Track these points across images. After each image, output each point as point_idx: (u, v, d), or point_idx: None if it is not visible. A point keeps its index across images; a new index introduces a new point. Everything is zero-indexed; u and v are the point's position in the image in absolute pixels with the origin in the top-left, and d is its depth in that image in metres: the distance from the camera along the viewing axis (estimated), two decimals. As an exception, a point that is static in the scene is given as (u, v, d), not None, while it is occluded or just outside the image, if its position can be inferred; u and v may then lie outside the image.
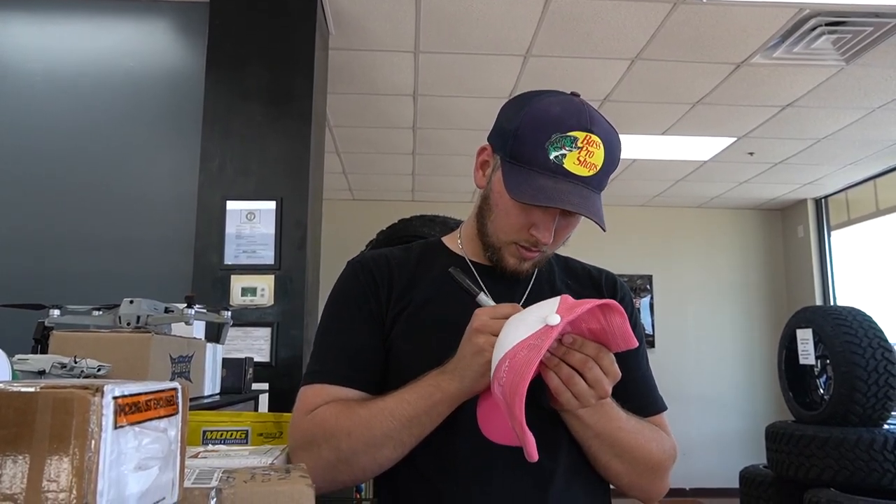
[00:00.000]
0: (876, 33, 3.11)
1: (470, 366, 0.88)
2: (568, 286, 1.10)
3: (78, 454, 0.44)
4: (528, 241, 0.99)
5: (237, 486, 0.66)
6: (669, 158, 5.07)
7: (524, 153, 0.95)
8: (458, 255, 1.10)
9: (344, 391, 0.98)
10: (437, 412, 0.91)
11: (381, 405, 0.92)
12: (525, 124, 0.95)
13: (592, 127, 0.94)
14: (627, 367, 1.11)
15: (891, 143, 4.72)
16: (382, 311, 1.03)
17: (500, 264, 1.04)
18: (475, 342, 0.87)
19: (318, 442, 0.93)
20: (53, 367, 0.90)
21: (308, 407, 0.98)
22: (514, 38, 3.23)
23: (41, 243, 2.69)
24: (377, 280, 1.05)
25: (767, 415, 6.06)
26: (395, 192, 6.09)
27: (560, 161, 0.92)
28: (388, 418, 0.91)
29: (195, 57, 2.81)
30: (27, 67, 2.82)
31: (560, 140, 0.92)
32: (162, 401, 0.53)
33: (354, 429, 0.92)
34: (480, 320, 0.88)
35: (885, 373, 4.38)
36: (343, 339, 1.03)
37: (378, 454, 0.93)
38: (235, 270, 2.60)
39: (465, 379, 0.89)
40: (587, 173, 0.93)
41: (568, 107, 0.95)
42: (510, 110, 1.00)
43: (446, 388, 0.90)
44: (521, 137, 0.95)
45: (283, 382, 2.49)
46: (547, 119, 0.94)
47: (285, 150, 2.68)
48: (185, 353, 1.42)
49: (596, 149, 0.93)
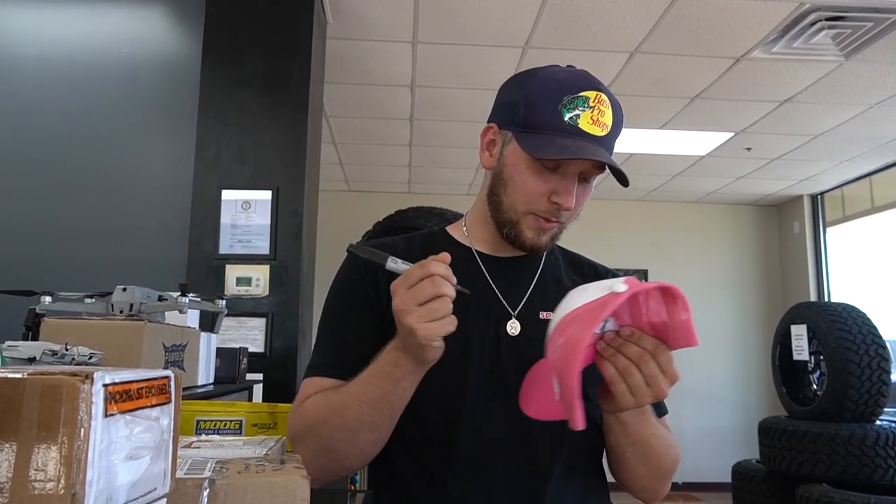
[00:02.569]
0: (876, 29, 3.10)
1: (412, 346, 0.83)
2: (574, 281, 1.09)
3: (67, 443, 0.42)
4: (548, 210, 0.98)
5: (231, 476, 0.65)
6: (667, 153, 5.07)
7: (538, 119, 0.95)
8: (464, 244, 1.08)
9: (338, 385, 0.97)
10: (402, 388, 0.88)
11: (349, 389, 0.91)
12: (535, 92, 0.96)
13: (599, 87, 0.96)
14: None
15: (887, 139, 4.72)
16: (382, 300, 1.01)
17: (518, 239, 1.01)
18: (406, 324, 0.81)
19: (303, 433, 0.93)
20: (44, 354, 0.89)
21: (301, 401, 0.97)
22: (512, 30, 3.21)
23: (33, 230, 2.66)
24: (378, 269, 1.04)
25: (761, 410, 6.08)
26: (391, 183, 6.07)
27: (575, 122, 0.93)
28: (356, 402, 0.89)
29: (191, 43, 2.78)
30: (19, 52, 2.79)
31: (572, 101, 0.93)
32: (154, 389, 0.52)
33: (329, 416, 0.91)
34: (397, 300, 0.82)
35: (878, 369, 4.40)
36: (342, 332, 1.02)
37: (356, 439, 0.91)
38: (230, 260, 2.59)
39: (416, 357, 0.85)
40: (601, 133, 0.94)
41: (573, 72, 0.98)
42: (513, 86, 1.02)
43: (401, 365, 0.87)
44: (532, 105, 0.95)
45: (278, 373, 2.48)
46: (556, 84, 0.95)
47: (282, 139, 2.66)
48: (178, 341, 1.41)
49: (606, 108, 0.95)
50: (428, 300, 0.80)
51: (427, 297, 0.80)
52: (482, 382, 0.96)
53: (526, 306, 1.03)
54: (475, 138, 1.07)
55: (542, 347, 0.93)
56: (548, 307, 1.03)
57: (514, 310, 1.02)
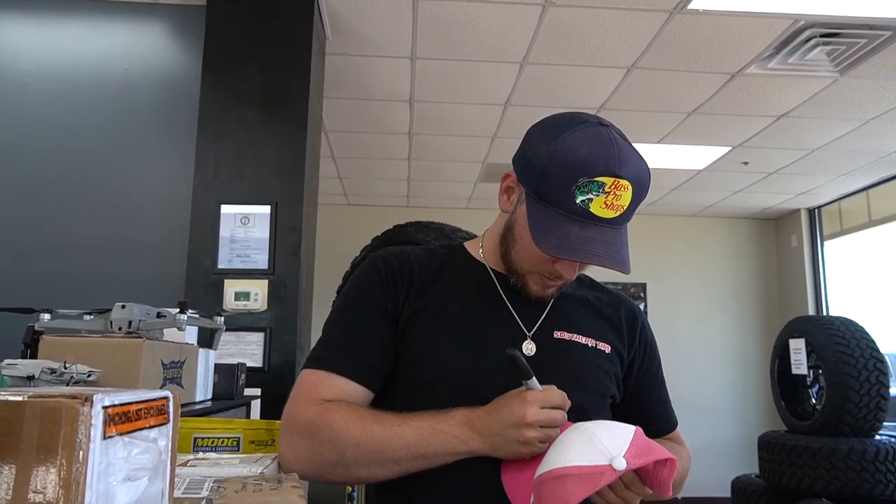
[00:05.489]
0: (869, 45, 3.13)
1: (508, 446, 0.90)
2: (599, 300, 1.13)
3: (65, 465, 0.43)
4: (552, 274, 1.00)
5: (228, 496, 0.65)
6: (664, 167, 5.09)
7: (550, 195, 0.94)
8: (480, 262, 1.10)
9: (350, 385, 0.98)
10: (451, 459, 0.93)
11: (398, 431, 0.93)
12: (552, 164, 0.94)
13: (620, 170, 0.92)
14: (650, 390, 1.14)
15: (884, 154, 4.74)
16: (398, 309, 1.03)
17: (523, 290, 1.04)
18: (525, 434, 0.88)
19: (321, 439, 0.94)
20: (43, 372, 0.89)
21: (314, 394, 0.97)
22: (510, 46, 3.24)
23: (33, 246, 2.67)
24: (397, 277, 1.05)
25: (760, 424, 6.06)
26: (390, 197, 6.08)
27: (586, 206, 0.92)
28: (402, 448, 0.92)
29: (191, 60, 2.80)
30: (20, 68, 2.81)
31: (587, 185, 0.92)
32: (153, 410, 0.52)
33: (364, 444, 0.92)
34: (532, 412, 0.89)
35: (877, 383, 4.39)
36: (355, 332, 1.02)
37: (379, 473, 0.94)
38: (229, 275, 2.59)
39: (496, 451, 0.91)
40: (613, 215, 0.93)
41: (595, 147, 0.93)
42: (538, 142, 0.98)
43: (473, 448, 0.92)
44: (547, 177, 0.94)
45: (276, 388, 2.48)
46: (574, 162, 0.92)
47: (280, 154, 2.67)
48: (176, 358, 1.41)
49: (623, 191, 0.93)
50: (550, 425, 0.89)
51: (553, 423, 0.89)
52: None
53: (541, 327, 1.05)
54: (474, 152, 1.09)
55: (558, 369, 0.99)
56: (563, 327, 1.05)
57: (529, 330, 1.04)
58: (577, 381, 1.02)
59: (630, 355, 1.11)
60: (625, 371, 1.10)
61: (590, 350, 1.05)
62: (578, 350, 1.05)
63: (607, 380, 1.06)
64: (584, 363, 1.04)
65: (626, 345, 1.11)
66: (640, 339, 1.13)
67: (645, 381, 1.13)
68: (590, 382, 1.04)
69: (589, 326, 1.08)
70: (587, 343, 1.05)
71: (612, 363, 1.07)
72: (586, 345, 1.05)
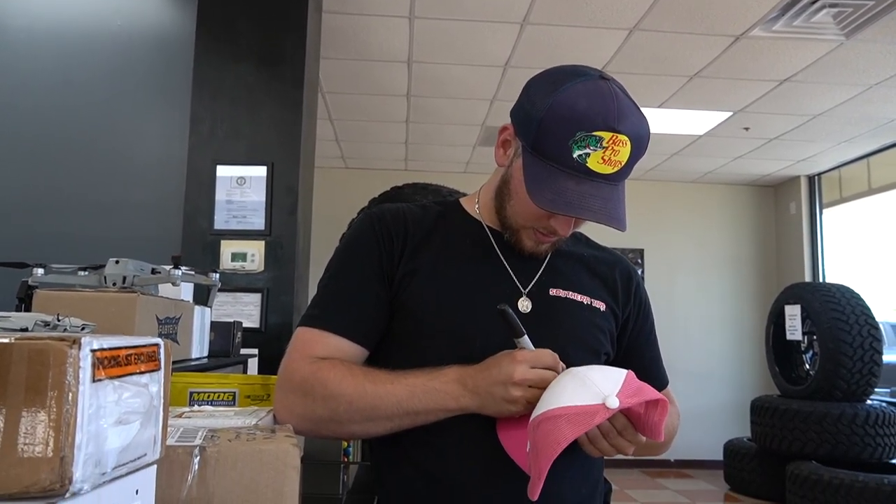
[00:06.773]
0: (877, 7, 3.07)
1: (496, 404, 0.91)
2: (596, 258, 1.13)
3: (55, 407, 0.43)
4: (546, 229, 0.99)
5: (221, 444, 0.65)
6: (665, 132, 5.05)
7: (547, 148, 0.93)
8: (476, 218, 1.09)
9: (344, 343, 0.98)
10: (443, 415, 0.94)
11: (390, 389, 0.93)
12: (549, 117, 0.92)
13: (619, 125, 0.90)
14: (643, 349, 1.14)
15: (886, 120, 4.70)
16: (393, 266, 1.02)
17: (517, 245, 1.04)
18: (511, 393, 0.89)
19: (314, 396, 0.94)
20: (36, 324, 0.89)
21: (309, 352, 0.98)
22: (511, 5, 3.17)
23: (26, 205, 2.65)
24: (392, 234, 1.04)
25: (754, 389, 6.13)
26: (388, 160, 6.04)
27: (583, 160, 0.91)
28: (394, 405, 0.92)
29: (185, 17, 2.74)
30: (8, 23, 2.75)
31: (584, 139, 0.90)
32: (143, 356, 0.52)
33: (357, 400, 0.93)
34: (521, 370, 0.89)
35: (870, 349, 4.43)
36: (349, 290, 1.02)
37: (372, 429, 0.96)
38: (225, 235, 2.58)
39: (484, 408, 0.92)
40: (610, 171, 0.92)
41: (595, 101, 0.91)
42: (537, 93, 0.96)
43: (464, 405, 0.92)
44: (544, 131, 0.92)
45: (273, 348, 2.49)
46: (572, 115, 0.90)
47: (277, 114, 2.64)
48: (172, 314, 1.41)
49: (622, 147, 0.91)
50: (539, 385, 0.88)
51: (542, 382, 0.88)
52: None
53: (537, 284, 1.04)
54: (473, 115, 1.07)
55: (553, 325, 0.99)
56: (558, 284, 1.05)
57: (525, 287, 1.03)
58: (573, 338, 1.02)
59: (624, 314, 1.11)
60: (619, 330, 1.11)
61: (585, 307, 1.05)
62: (574, 307, 1.04)
63: (602, 337, 1.06)
64: (579, 320, 1.04)
65: (621, 304, 1.11)
66: (634, 298, 1.13)
67: (638, 340, 1.14)
68: (585, 339, 1.04)
69: (584, 284, 1.08)
70: (582, 300, 1.05)
71: (606, 321, 1.08)
72: (581, 302, 1.05)
